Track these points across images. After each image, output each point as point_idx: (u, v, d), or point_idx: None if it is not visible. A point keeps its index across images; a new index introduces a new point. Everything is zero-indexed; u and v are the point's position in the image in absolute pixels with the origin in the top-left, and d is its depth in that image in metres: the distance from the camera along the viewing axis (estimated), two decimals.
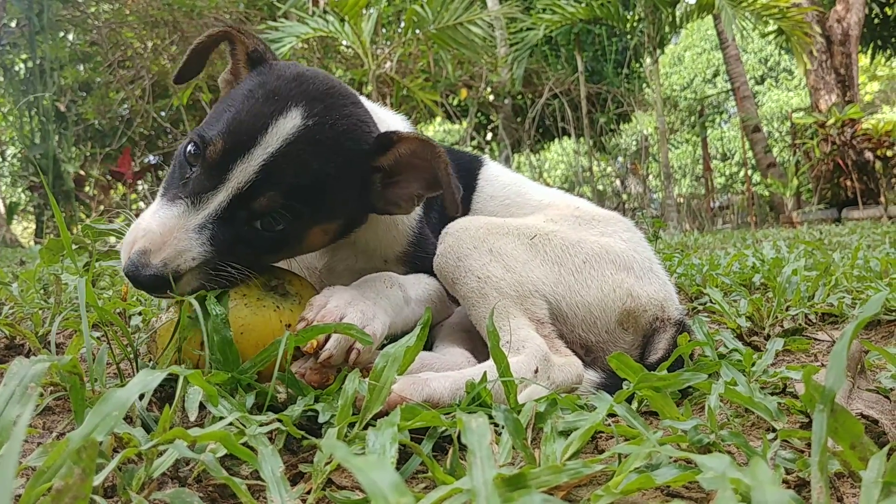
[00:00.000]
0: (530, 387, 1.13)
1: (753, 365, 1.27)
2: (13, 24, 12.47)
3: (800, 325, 1.78)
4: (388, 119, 1.57)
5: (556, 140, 17.38)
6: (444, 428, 0.92)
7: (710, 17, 13.03)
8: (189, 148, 1.20)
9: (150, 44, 11.57)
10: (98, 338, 1.35)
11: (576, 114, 14.24)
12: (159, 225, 1.13)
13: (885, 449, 0.66)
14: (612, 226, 1.57)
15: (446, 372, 1.13)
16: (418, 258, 1.53)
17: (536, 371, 1.17)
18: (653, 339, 1.43)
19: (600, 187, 16.40)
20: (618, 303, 1.37)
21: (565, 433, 0.87)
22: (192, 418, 0.87)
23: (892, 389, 1.07)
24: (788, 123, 16.06)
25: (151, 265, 1.09)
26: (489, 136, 16.20)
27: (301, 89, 1.23)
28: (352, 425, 0.91)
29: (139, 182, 12.79)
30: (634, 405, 1.12)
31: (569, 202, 1.74)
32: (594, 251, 1.41)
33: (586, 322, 1.36)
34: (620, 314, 1.37)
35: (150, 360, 1.26)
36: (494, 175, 1.80)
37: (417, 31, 8.79)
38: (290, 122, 1.18)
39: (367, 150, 1.29)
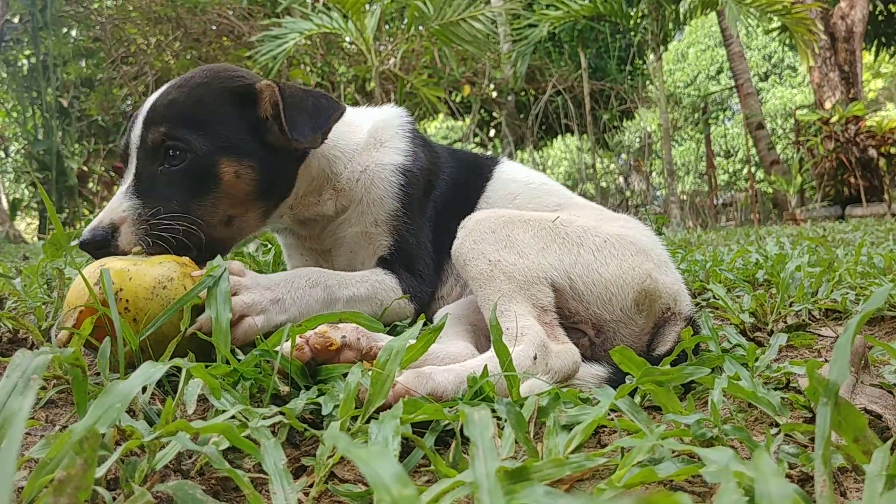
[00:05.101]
0: (530, 379, 1.13)
1: (757, 360, 1.27)
2: (16, 20, 12.49)
3: (803, 320, 1.77)
4: (366, 116, 1.77)
5: (560, 137, 17.35)
6: (446, 422, 0.92)
7: (713, 13, 12.99)
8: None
9: (153, 40, 11.57)
10: None
11: (579, 110, 14.20)
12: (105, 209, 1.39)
13: (889, 442, 0.65)
14: (631, 223, 1.64)
15: (449, 366, 1.14)
16: (403, 230, 1.63)
17: (535, 358, 1.19)
18: (662, 330, 1.44)
19: (603, 184, 16.36)
20: (637, 280, 1.39)
21: (568, 427, 0.87)
22: (191, 411, 0.86)
23: (895, 385, 1.07)
24: (792, 120, 16.03)
25: (91, 230, 1.33)
26: (492, 132, 16.17)
27: (163, 86, 1.52)
28: (355, 419, 0.91)
29: None
30: (637, 399, 1.11)
31: (592, 204, 1.83)
32: (615, 233, 1.46)
33: (602, 298, 1.37)
34: (638, 293, 1.39)
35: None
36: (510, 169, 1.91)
37: (420, 28, 8.77)
38: (152, 97, 1.47)
39: (233, 91, 1.47)
